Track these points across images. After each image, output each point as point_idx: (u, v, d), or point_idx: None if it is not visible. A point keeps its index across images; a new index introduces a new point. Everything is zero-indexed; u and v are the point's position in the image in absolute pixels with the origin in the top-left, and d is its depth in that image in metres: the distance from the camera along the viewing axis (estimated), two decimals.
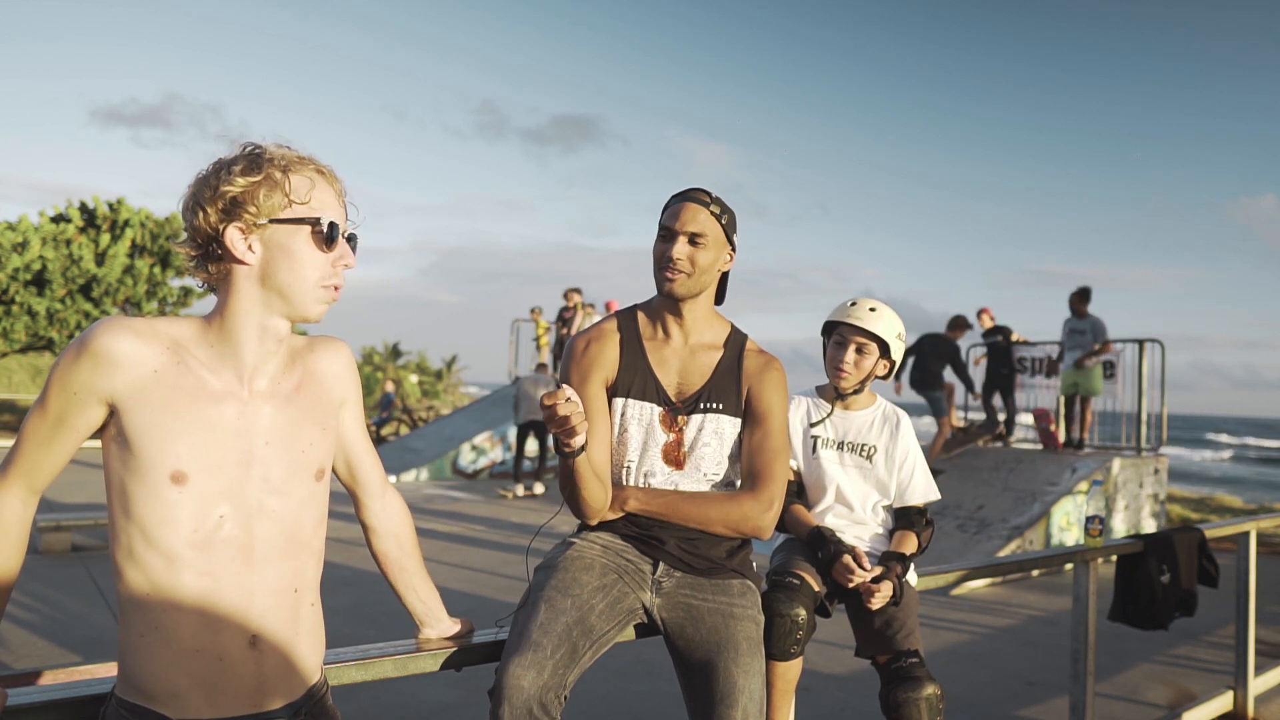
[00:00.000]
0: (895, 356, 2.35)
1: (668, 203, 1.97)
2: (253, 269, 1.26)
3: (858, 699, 4.16)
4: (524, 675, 1.61)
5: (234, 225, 1.23)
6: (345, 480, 1.53)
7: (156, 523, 1.19)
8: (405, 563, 1.61)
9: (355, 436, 1.50)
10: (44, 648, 4.57)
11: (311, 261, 1.28)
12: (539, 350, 15.42)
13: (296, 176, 1.27)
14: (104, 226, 18.74)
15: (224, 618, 1.22)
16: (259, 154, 1.26)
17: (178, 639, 1.20)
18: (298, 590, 1.31)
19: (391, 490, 1.59)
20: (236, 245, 1.24)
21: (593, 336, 1.98)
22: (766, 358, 2.01)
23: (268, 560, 1.26)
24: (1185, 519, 10.75)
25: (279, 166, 1.26)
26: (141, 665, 1.21)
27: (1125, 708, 4.24)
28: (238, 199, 1.22)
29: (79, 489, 10.18)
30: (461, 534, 8.42)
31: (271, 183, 1.24)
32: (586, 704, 3.96)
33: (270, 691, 1.27)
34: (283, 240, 1.26)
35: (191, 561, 1.20)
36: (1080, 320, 9.16)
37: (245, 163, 1.24)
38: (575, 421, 1.63)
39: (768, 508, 1.90)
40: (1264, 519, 4.26)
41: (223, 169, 1.24)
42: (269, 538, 1.27)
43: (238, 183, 1.22)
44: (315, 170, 1.30)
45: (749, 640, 1.80)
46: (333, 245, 1.29)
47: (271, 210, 1.24)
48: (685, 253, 1.90)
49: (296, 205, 1.26)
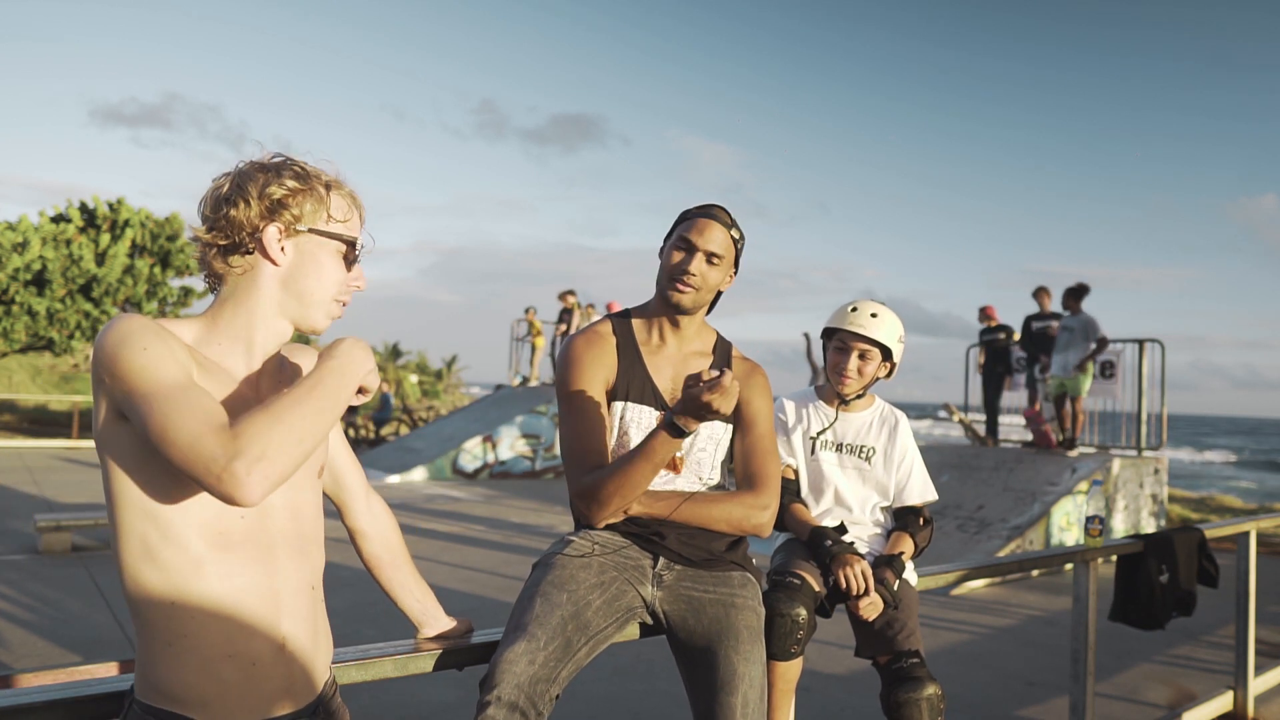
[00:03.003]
0: (897, 359, 2.35)
1: (688, 214, 1.98)
2: (279, 270, 1.28)
3: (858, 699, 4.16)
4: (515, 664, 1.62)
5: (274, 224, 1.26)
6: (329, 488, 1.54)
7: (181, 523, 1.17)
8: (397, 564, 1.63)
9: (337, 443, 1.53)
10: (44, 648, 4.57)
11: (333, 276, 1.31)
12: (533, 352, 15.45)
13: (338, 196, 1.33)
14: (104, 226, 18.75)
15: (254, 620, 1.22)
16: (305, 167, 1.31)
17: (210, 645, 1.19)
18: (314, 587, 1.32)
19: (374, 494, 1.61)
20: (272, 244, 1.26)
21: (590, 339, 1.99)
22: (751, 364, 2.08)
23: (287, 558, 1.27)
24: (1185, 519, 10.75)
25: (323, 183, 1.31)
26: (170, 672, 1.19)
27: (1125, 708, 4.24)
28: (284, 201, 1.26)
29: (79, 489, 10.18)
30: (461, 534, 8.42)
31: (317, 196, 1.29)
32: (586, 704, 3.96)
33: (294, 692, 1.27)
34: (314, 250, 1.29)
35: (216, 563, 1.19)
36: (1071, 318, 9.01)
37: (292, 172, 1.28)
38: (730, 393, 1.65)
39: (766, 506, 1.94)
40: (1264, 519, 4.26)
41: (270, 170, 1.27)
42: (285, 535, 1.27)
43: (287, 185, 1.26)
44: (351, 194, 1.36)
45: (750, 629, 1.82)
46: (352, 267, 1.35)
47: (312, 220, 1.29)
48: (701, 269, 1.93)
49: (335, 222, 1.31)
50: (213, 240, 1.26)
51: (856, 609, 2.15)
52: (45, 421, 20.24)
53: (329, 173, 1.34)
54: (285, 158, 1.31)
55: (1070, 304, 9.03)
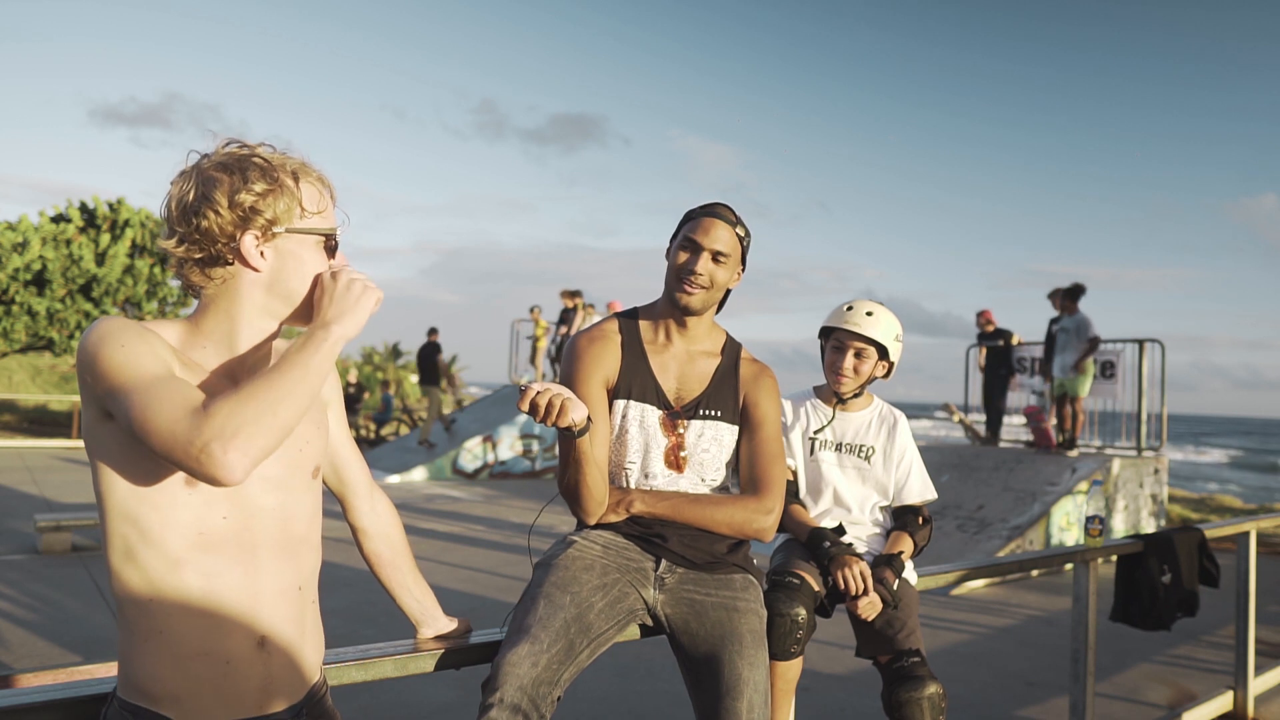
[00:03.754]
0: (894, 358, 2.35)
1: (693, 214, 1.98)
2: (261, 275, 1.25)
3: (858, 699, 4.16)
4: (518, 666, 1.62)
5: (250, 232, 1.22)
6: (333, 484, 1.53)
7: (159, 525, 1.18)
8: (398, 563, 1.62)
9: (341, 439, 1.51)
10: (44, 648, 4.57)
11: (316, 269, 1.28)
12: (535, 351, 15.45)
13: (307, 185, 1.28)
14: (104, 226, 18.73)
15: (231, 619, 1.21)
16: (267, 159, 1.25)
17: (183, 642, 1.19)
18: (301, 588, 1.31)
19: (379, 491, 1.59)
20: (251, 253, 1.23)
21: (594, 337, 1.99)
22: (760, 366, 2.06)
23: (271, 558, 1.26)
24: (1185, 519, 10.75)
25: (290, 173, 1.26)
26: (145, 668, 1.20)
27: (1125, 708, 4.24)
28: (255, 207, 1.21)
29: (79, 489, 10.18)
30: (461, 534, 8.42)
31: (288, 192, 1.24)
32: (587, 704, 3.96)
33: (275, 693, 1.27)
34: (294, 248, 1.26)
35: (196, 563, 1.19)
36: (1068, 318, 9.08)
37: (258, 170, 1.23)
38: (555, 399, 1.62)
39: (770, 511, 1.93)
40: (1264, 519, 4.27)
41: (233, 171, 1.22)
42: (271, 536, 1.26)
43: (256, 189, 1.21)
44: (318, 178, 1.31)
45: (753, 633, 1.82)
46: (334, 254, 1.31)
47: (288, 219, 1.24)
48: (707, 269, 1.92)
49: (310, 215, 1.27)
50: (187, 255, 1.22)
51: (856, 608, 2.15)
52: (45, 421, 20.24)
53: (289, 157, 1.28)
54: (245, 149, 1.25)
55: (1066, 305, 9.11)
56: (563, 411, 1.63)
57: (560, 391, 1.64)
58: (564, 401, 1.63)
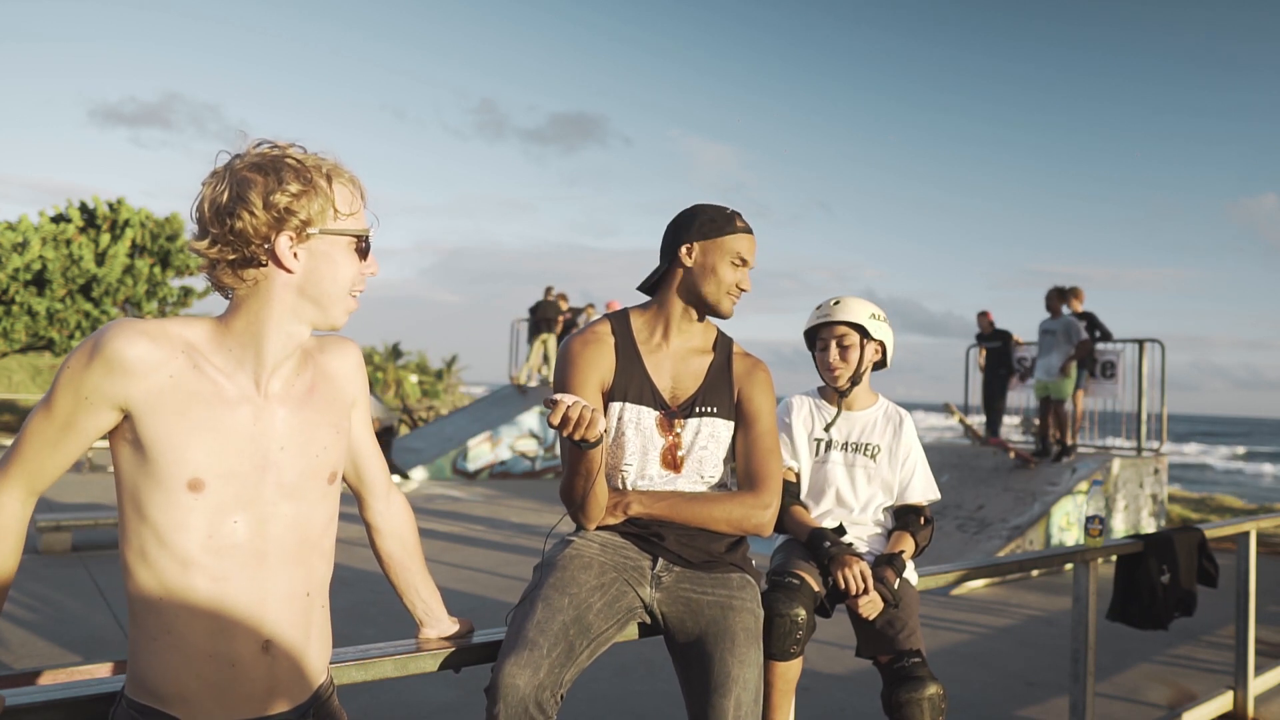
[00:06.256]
0: (879, 336, 2.35)
1: (731, 228, 1.97)
2: (294, 277, 1.25)
3: (858, 699, 4.16)
4: (520, 674, 1.62)
5: (285, 233, 1.22)
6: (351, 480, 1.53)
7: (172, 528, 1.19)
8: (408, 563, 1.61)
9: (363, 437, 1.50)
10: (44, 648, 4.57)
11: (349, 271, 1.29)
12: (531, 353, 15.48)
13: (340, 186, 1.28)
14: (104, 226, 18.73)
15: (237, 622, 1.22)
16: (301, 161, 1.25)
17: (191, 643, 1.20)
18: (310, 594, 1.31)
19: (395, 490, 1.59)
20: (285, 254, 1.23)
21: (588, 340, 1.98)
22: (753, 360, 2.06)
23: (281, 564, 1.26)
24: (1185, 519, 10.75)
25: (324, 174, 1.26)
26: (153, 667, 1.21)
27: (1125, 708, 4.24)
28: (290, 208, 1.21)
29: (79, 489, 10.18)
30: (461, 534, 8.42)
31: (322, 193, 1.24)
32: (587, 704, 3.96)
33: (279, 694, 1.27)
34: (327, 250, 1.26)
35: (205, 566, 1.20)
36: (1052, 320, 8.84)
37: (292, 171, 1.23)
38: (586, 410, 1.60)
39: (768, 505, 1.94)
40: (1264, 519, 4.26)
41: (268, 172, 1.21)
42: (282, 542, 1.26)
43: (291, 189, 1.21)
44: (350, 179, 1.31)
45: (746, 631, 1.81)
46: (365, 256, 1.31)
47: (321, 220, 1.25)
48: (749, 283, 2.00)
49: (343, 217, 1.27)
50: (220, 256, 1.22)
51: (856, 608, 2.15)
52: None
53: (322, 158, 1.28)
54: (277, 150, 1.25)
55: (1053, 306, 8.89)
56: (592, 423, 1.62)
57: (587, 403, 1.62)
58: (593, 413, 1.62)
